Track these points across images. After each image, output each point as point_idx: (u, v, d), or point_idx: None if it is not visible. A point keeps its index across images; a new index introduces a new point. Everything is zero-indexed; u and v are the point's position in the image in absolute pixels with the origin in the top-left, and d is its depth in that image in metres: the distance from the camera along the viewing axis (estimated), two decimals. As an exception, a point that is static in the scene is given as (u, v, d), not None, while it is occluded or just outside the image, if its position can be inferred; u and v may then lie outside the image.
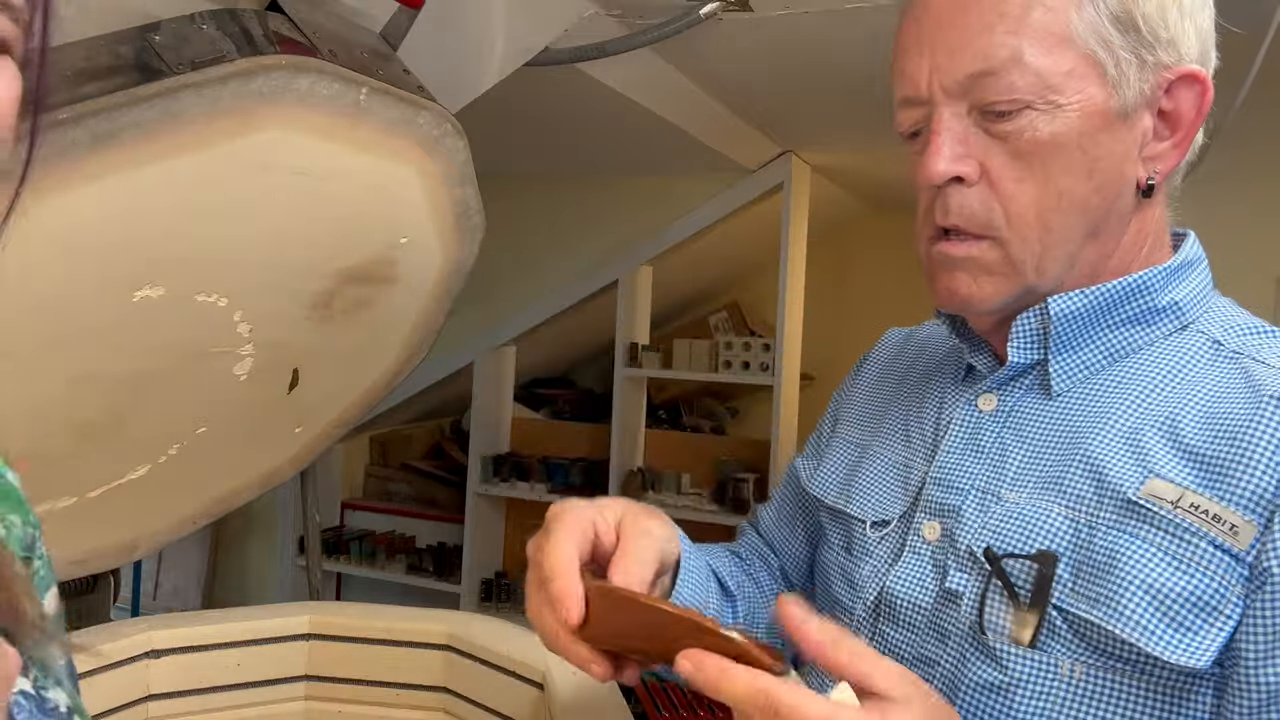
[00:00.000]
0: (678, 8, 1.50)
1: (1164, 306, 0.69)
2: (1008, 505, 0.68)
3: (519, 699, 1.01)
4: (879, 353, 0.93)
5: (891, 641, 0.72)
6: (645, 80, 1.92)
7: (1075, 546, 0.63)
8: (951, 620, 0.68)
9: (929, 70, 0.67)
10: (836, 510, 0.82)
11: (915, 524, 0.73)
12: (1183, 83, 0.66)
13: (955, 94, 0.67)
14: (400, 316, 1.33)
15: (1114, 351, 0.70)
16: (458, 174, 1.17)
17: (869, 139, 2.63)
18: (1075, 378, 0.70)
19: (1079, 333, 0.69)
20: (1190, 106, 0.66)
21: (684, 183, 2.93)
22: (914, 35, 0.69)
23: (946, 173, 0.67)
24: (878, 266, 3.96)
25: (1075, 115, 0.64)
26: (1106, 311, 0.69)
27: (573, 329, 3.39)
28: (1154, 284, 0.69)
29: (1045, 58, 0.64)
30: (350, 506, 3.52)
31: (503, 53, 1.38)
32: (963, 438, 0.74)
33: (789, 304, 2.83)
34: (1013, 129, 0.65)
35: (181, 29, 0.84)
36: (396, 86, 1.02)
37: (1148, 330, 0.70)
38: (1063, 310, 0.69)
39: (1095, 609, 0.61)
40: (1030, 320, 0.70)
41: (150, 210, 0.90)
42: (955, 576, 0.68)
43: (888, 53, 0.75)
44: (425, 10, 1.09)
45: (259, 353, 1.19)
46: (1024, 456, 0.70)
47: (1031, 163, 0.66)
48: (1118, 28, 0.64)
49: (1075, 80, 0.64)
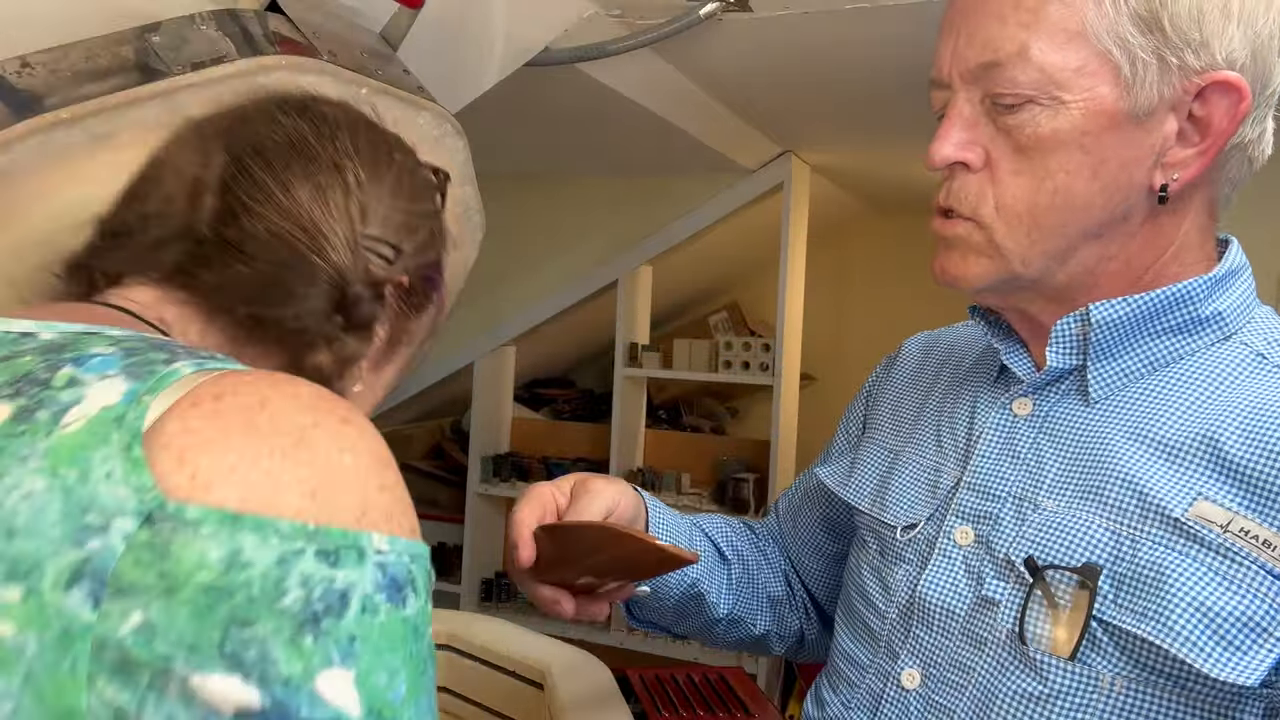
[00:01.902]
0: (678, 8, 1.50)
1: (1207, 317, 0.68)
2: (1046, 514, 0.67)
3: (519, 699, 1.01)
4: (906, 357, 0.92)
5: (924, 645, 0.71)
6: (645, 80, 1.92)
7: (1116, 559, 0.63)
8: (988, 627, 0.68)
9: (951, 54, 0.68)
10: (871, 517, 0.81)
11: (946, 527, 0.73)
12: (1215, 89, 0.63)
13: (969, 81, 0.67)
14: (400, 316, 1.33)
15: (1154, 360, 0.69)
16: (458, 174, 1.17)
17: (869, 139, 2.63)
18: (1114, 385, 0.69)
19: (1120, 340, 0.69)
20: (1223, 114, 0.64)
21: (684, 183, 2.93)
22: (946, 19, 0.69)
23: (948, 158, 0.68)
24: (878, 266, 3.96)
25: (1079, 113, 0.63)
26: (1149, 320, 0.68)
27: (573, 329, 3.39)
28: (1198, 294, 0.68)
29: (1055, 53, 0.63)
30: (350, 506, 3.51)
31: (503, 53, 1.37)
32: (998, 443, 0.73)
33: (789, 304, 2.83)
34: (1015, 123, 0.65)
35: (181, 29, 0.84)
36: (396, 86, 1.02)
37: (1190, 340, 0.69)
38: (1104, 317, 0.68)
39: (1143, 624, 0.60)
40: (1071, 325, 0.69)
41: (150, 210, 0.90)
42: (993, 584, 0.68)
43: (888, 53, 0.75)
44: (425, 10, 1.09)
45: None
46: (1061, 463, 0.69)
47: (1031, 157, 0.65)
48: (1139, 27, 0.62)
49: (1084, 78, 0.63)
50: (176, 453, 0.43)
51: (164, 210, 0.61)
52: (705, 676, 1.98)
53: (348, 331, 0.61)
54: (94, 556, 0.41)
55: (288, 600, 0.42)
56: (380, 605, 0.44)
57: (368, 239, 0.61)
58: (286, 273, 0.59)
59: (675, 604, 0.89)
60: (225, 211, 0.59)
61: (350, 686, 0.43)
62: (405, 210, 0.65)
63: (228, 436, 0.44)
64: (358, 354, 0.63)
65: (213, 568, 0.41)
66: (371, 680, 0.43)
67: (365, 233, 0.61)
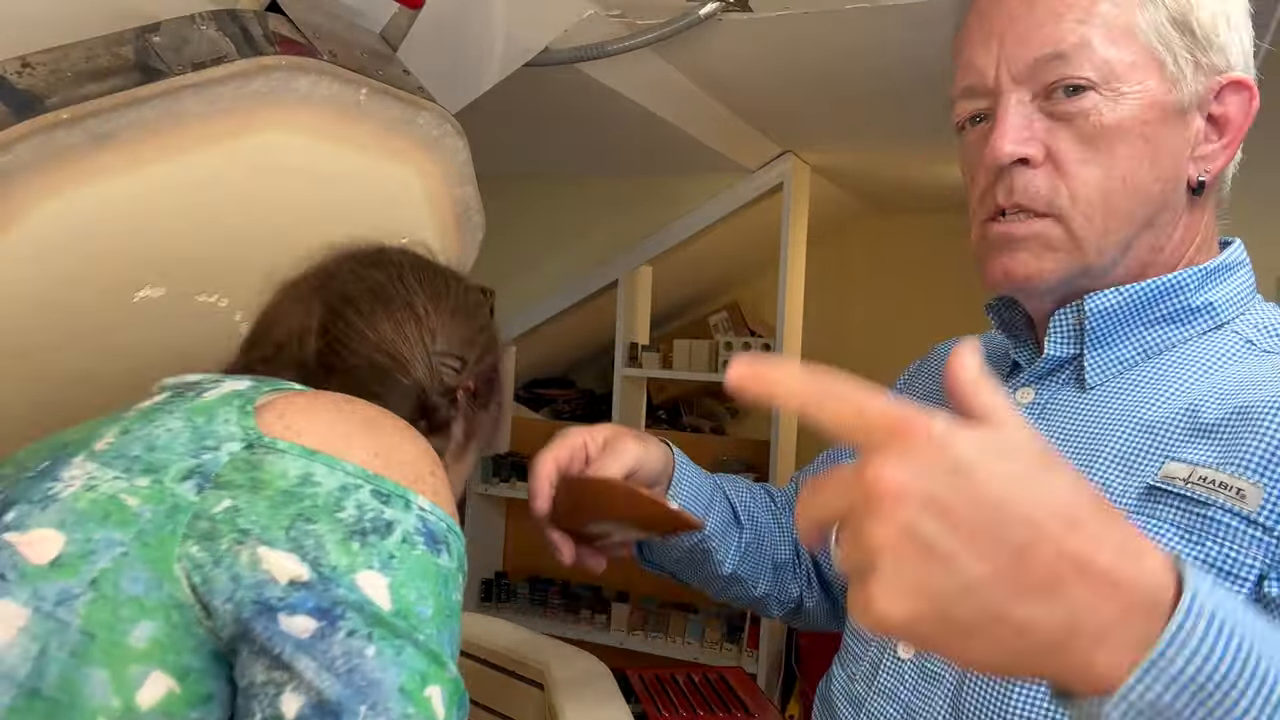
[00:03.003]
0: (678, 8, 1.50)
1: (1198, 306, 0.71)
2: None
3: (519, 699, 1.01)
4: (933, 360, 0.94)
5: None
6: (645, 80, 1.92)
7: None
8: None
9: (996, 59, 0.70)
10: None
11: None
12: (1232, 88, 0.69)
13: (1023, 79, 0.69)
14: (400, 317, 1.33)
15: (1147, 348, 0.71)
16: (458, 174, 1.17)
17: (869, 139, 2.63)
18: (1109, 372, 0.72)
19: (1114, 329, 0.71)
20: (1239, 111, 0.69)
21: (684, 183, 2.93)
22: (981, 29, 0.71)
23: (1014, 154, 0.69)
24: (878, 266, 3.96)
25: (1136, 104, 0.67)
26: (1141, 309, 0.71)
27: (573, 329, 3.39)
28: (1189, 284, 0.71)
29: (1111, 47, 0.66)
30: (350, 506, 3.52)
31: (503, 53, 1.37)
32: None
33: (789, 304, 2.83)
34: (1077, 110, 0.67)
35: (181, 29, 0.84)
36: (396, 87, 1.02)
37: (1181, 329, 0.71)
38: (1098, 307, 0.71)
39: None
40: (1067, 316, 0.72)
41: (150, 211, 0.90)
42: None
43: (887, 53, 0.77)
44: (425, 10, 1.09)
45: (259, 353, 1.19)
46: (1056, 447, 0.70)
47: (1098, 144, 0.68)
48: (1176, 29, 0.67)
49: (1137, 71, 0.67)
50: (278, 412, 0.60)
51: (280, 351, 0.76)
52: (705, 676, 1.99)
53: (431, 433, 0.74)
54: (205, 464, 0.57)
55: (344, 514, 0.55)
56: (418, 543, 0.57)
57: (438, 355, 0.76)
58: (379, 389, 0.72)
59: (684, 554, 0.93)
60: (327, 349, 0.74)
61: (384, 589, 0.54)
62: (465, 326, 0.79)
63: (317, 411, 0.61)
64: (441, 449, 0.74)
65: (290, 479, 0.56)
66: (403, 591, 0.54)
67: (436, 350, 0.76)
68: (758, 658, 2.86)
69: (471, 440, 0.81)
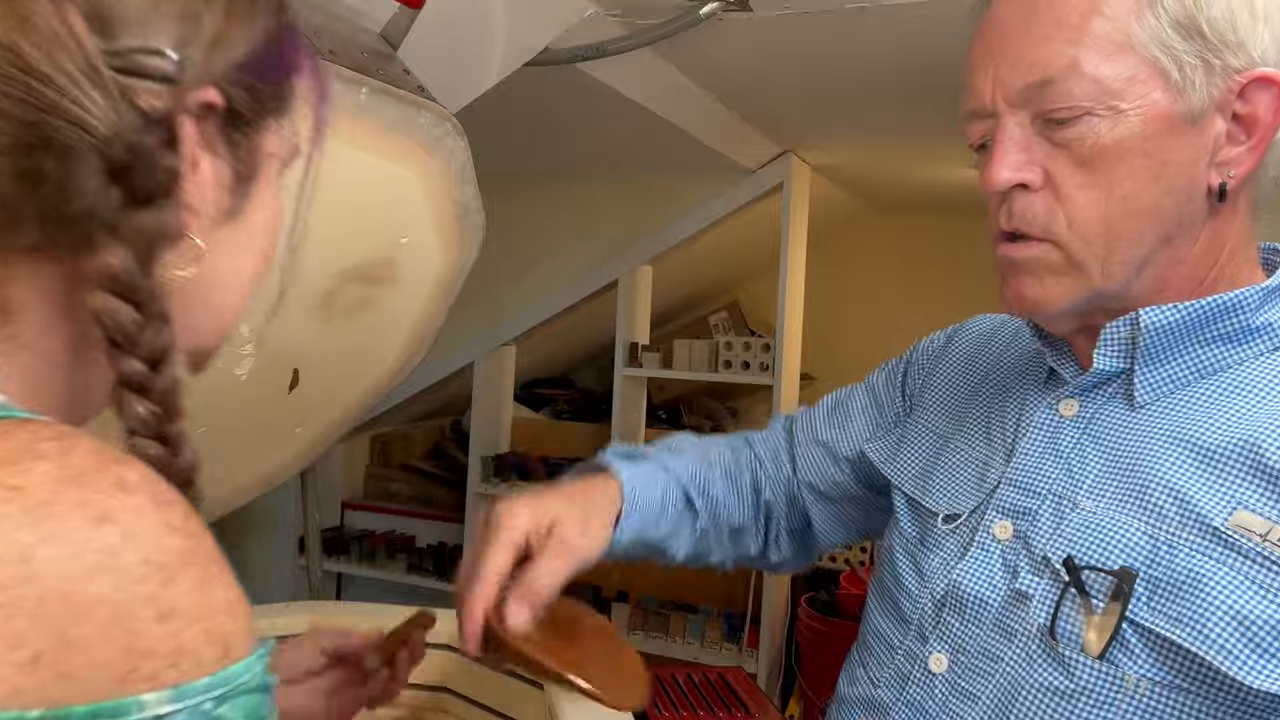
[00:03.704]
0: (678, 8, 1.50)
1: (1258, 326, 0.68)
2: (1084, 513, 0.68)
3: (519, 699, 1.01)
4: (965, 337, 0.92)
5: (955, 631, 0.72)
6: (645, 80, 1.92)
7: (1152, 563, 0.63)
8: (1019, 620, 0.68)
9: (992, 82, 0.68)
10: (913, 499, 0.82)
11: (986, 521, 0.74)
12: (1257, 85, 0.65)
13: (1017, 104, 0.67)
14: (400, 316, 1.33)
15: (1202, 368, 0.69)
16: (457, 174, 1.17)
17: (869, 139, 2.63)
18: (1160, 390, 0.70)
19: (1168, 346, 0.69)
20: (1267, 109, 0.65)
21: (684, 183, 2.92)
22: (980, 51, 0.70)
23: (1009, 180, 0.68)
24: (878, 266, 3.96)
25: (1137, 120, 0.64)
26: (1198, 327, 0.68)
27: (573, 329, 3.39)
28: (1249, 303, 0.68)
29: (1105, 65, 0.64)
30: (350, 506, 3.52)
31: (503, 53, 1.38)
32: (1042, 441, 0.74)
33: (789, 304, 2.83)
34: (1074, 135, 0.66)
35: (181, 29, 0.84)
36: (396, 86, 1.02)
37: (1239, 349, 0.69)
38: (1154, 323, 0.68)
39: (1178, 629, 0.61)
40: (1120, 329, 0.70)
41: (150, 210, 0.90)
42: (1027, 579, 0.69)
43: (887, 53, 0.76)
44: (425, 10, 1.10)
45: (259, 353, 1.19)
46: (1102, 465, 0.69)
47: (1096, 168, 0.66)
48: (1180, 34, 0.64)
49: (1137, 85, 0.64)
50: None
51: None
52: (705, 676, 1.98)
53: (133, 206, 0.40)
54: None
55: None
56: None
57: (117, 57, 0.39)
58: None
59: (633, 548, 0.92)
60: None
61: None
62: None
63: None
64: (164, 227, 0.41)
65: None
66: None
67: (111, 49, 0.39)
68: (758, 658, 2.86)
69: (256, 178, 0.48)
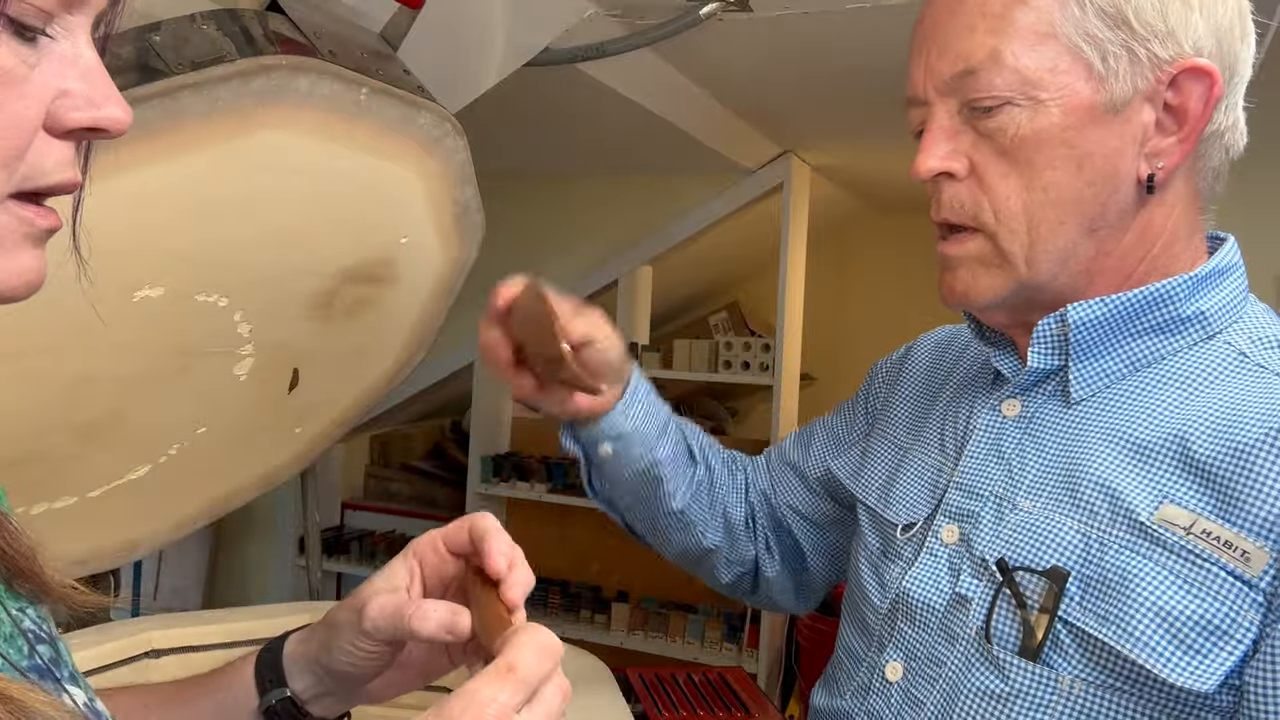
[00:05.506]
0: (678, 8, 1.50)
1: (1189, 316, 0.68)
2: (1022, 514, 0.68)
3: (519, 699, 1.01)
4: (922, 347, 0.93)
5: (907, 638, 0.73)
6: (645, 80, 1.92)
7: (1085, 562, 0.63)
8: (960, 624, 0.69)
9: (924, 71, 0.69)
10: (874, 512, 0.83)
11: (935, 526, 0.74)
12: (1187, 76, 0.64)
13: (945, 93, 0.68)
14: (400, 316, 1.33)
15: (1136, 360, 0.69)
16: (458, 174, 1.17)
17: (869, 139, 2.63)
18: (1095, 385, 0.70)
19: (1100, 340, 0.69)
20: (1197, 100, 0.65)
21: (684, 183, 2.92)
22: (917, 39, 0.71)
23: (933, 169, 0.69)
24: (878, 266, 3.96)
25: (1058, 110, 0.65)
26: (1128, 320, 0.68)
27: (573, 329, 3.38)
28: (1178, 293, 0.68)
29: (1026, 55, 0.64)
30: (350, 506, 3.52)
31: (503, 53, 1.37)
32: (986, 443, 0.74)
33: (789, 304, 2.83)
34: (995, 125, 0.66)
35: (181, 29, 0.84)
36: (396, 86, 1.02)
37: (1171, 340, 0.69)
38: (1082, 317, 0.68)
39: (1104, 627, 0.61)
40: (1051, 325, 0.70)
41: (150, 211, 0.90)
42: (967, 582, 0.69)
43: (887, 53, 0.77)
44: (425, 10, 1.09)
45: (259, 353, 1.19)
46: (1040, 464, 0.70)
47: (1016, 158, 0.66)
48: (1105, 22, 0.64)
49: (1059, 75, 0.64)
50: None
51: None
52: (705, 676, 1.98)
53: None
54: None
55: None
56: None
57: None
58: None
59: (633, 479, 0.91)
60: None
61: None
62: None
63: None
64: None
65: None
66: None
67: None
68: (758, 657, 2.86)
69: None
